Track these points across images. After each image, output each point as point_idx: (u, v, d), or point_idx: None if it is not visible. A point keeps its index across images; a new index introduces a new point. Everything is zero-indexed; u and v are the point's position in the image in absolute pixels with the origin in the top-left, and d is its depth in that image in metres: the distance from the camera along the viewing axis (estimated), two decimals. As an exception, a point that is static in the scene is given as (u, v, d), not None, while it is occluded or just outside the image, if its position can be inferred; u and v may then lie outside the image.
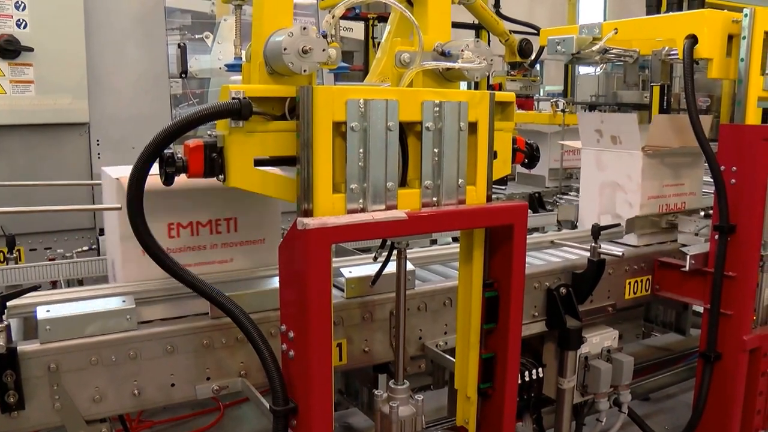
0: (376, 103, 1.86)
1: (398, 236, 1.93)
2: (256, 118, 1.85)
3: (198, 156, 1.83)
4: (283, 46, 1.85)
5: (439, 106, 1.97)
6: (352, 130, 1.84)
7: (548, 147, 5.29)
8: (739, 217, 3.01)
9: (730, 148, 3.01)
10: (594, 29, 3.25)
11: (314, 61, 1.88)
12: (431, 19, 2.17)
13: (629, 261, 3.24)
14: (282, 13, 1.99)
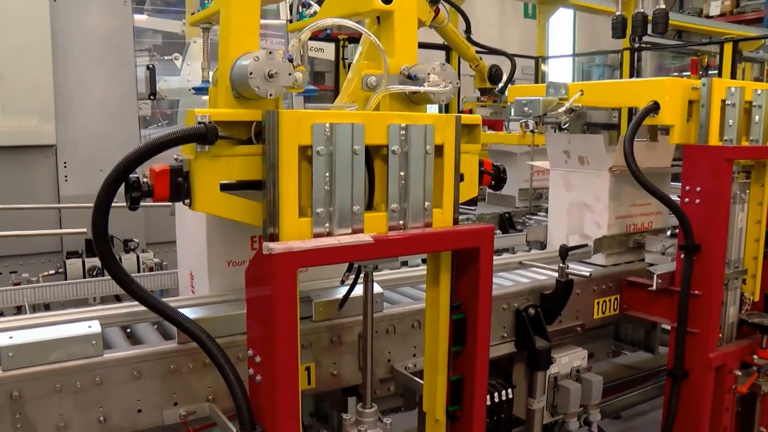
0: (341, 127, 1.88)
1: (365, 260, 1.95)
2: (222, 142, 1.87)
3: (164, 181, 1.85)
4: (249, 71, 1.87)
5: (405, 129, 1.99)
6: (318, 154, 1.86)
7: (518, 167, 5.35)
8: (703, 237, 3.07)
9: (694, 168, 3.07)
10: (560, 90, 3.35)
11: (280, 86, 1.91)
12: (398, 43, 2.21)
13: (597, 281, 3.29)
14: (248, 36, 2.02)
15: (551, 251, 3.44)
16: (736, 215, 3.18)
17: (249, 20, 2.04)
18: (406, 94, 2.19)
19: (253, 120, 1.92)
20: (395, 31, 2.21)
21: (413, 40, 2.26)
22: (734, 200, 3.14)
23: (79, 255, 4.12)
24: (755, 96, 3.15)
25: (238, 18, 2.02)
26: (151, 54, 6.01)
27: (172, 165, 1.88)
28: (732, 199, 3.12)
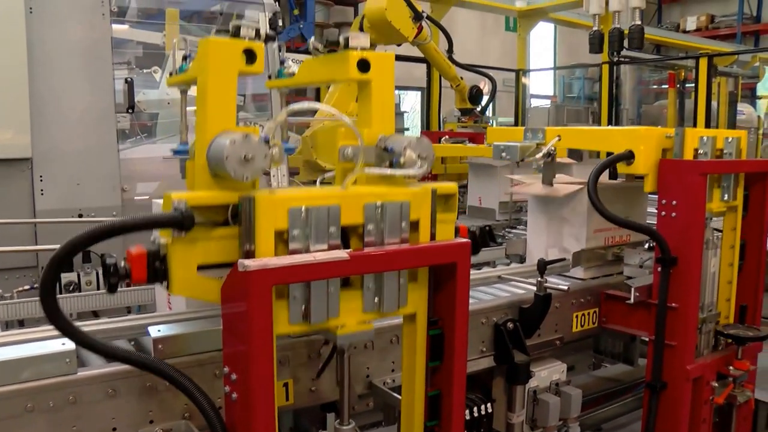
0: (317, 211, 1.91)
1: (341, 276, 1.95)
2: (199, 226, 1.89)
3: (141, 265, 1.87)
4: (225, 155, 1.88)
5: (380, 207, 2.02)
6: (294, 238, 1.89)
7: (498, 180, 5.37)
8: (680, 250, 3.10)
9: (669, 182, 3.11)
10: (538, 134, 3.43)
11: (257, 168, 1.91)
12: (375, 112, 2.22)
13: (576, 294, 3.31)
14: (225, 114, 2.03)
15: (530, 265, 3.45)
16: (709, 261, 3.24)
17: (226, 97, 2.04)
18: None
19: (230, 203, 1.94)
20: (372, 100, 2.22)
21: (390, 108, 2.28)
22: (707, 246, 3.20)
23: (56, 270, 4.07)
24: (726, 143, 3.23)
25: (215, 95, 2.03)
26: (129, 67, 5.97)
27: (149, 248, 1.90)
28: (705, 246, 3.17)
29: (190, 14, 6.40)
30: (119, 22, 5.96)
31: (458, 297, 2.10)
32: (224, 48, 2.03)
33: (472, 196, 5.71)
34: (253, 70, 2.06)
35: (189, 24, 6.27)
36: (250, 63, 2.05)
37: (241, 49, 2.04)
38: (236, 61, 2.04)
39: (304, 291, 1.94)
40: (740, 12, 22.05)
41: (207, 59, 2.02)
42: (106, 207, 4.47)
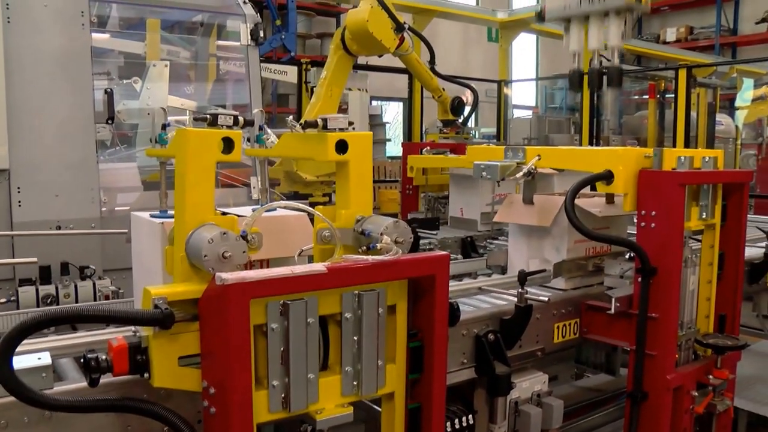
0: (295, 305, 1.93)
1: (319, 290, 1.95)
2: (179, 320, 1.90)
3: (122, 358, 1.89)
4: (203, 254, 1.91)
5: (358, 296, 2.06)
6: (273, 331, 1.92)
7: (480, 191, 5.38)
8: (659, 260, 3.12)
9: (649, 193, 3.13)
10: (518, 153, 3.45)
11: (235, 265, 1.95)
12: (353, 192, 2.27)
13: (557, 305, 3.31)
14: (203, 203, 2.05)
15: (511, 276, 3.46)
16: (688, 279, 3.26)
17: (204, 186, 2.06)
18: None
19: None
20: (350, 180, 2.27)
21: (368, 189, 2.33)
22: (686, 264, 3.22)
23: (33, 282, 4.03)
24: (703, 163, 3.26)
25: (194, 184, 2.05)
26: (109, 77, 5.94)
27: (131, 341, 1.91)
28: (684, 264, 3.19)
29: (172, 24, 6.38)
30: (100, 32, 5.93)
31: (437, 309, 2.10)
32: (202, 138, 2.06)
33: (454, 207, 5.70)
34: (231, 158, 2.09)
35: (170, 34, 6.25)
36: (227, 151, 2.08)
37: (219, 138, 2.07)
38: (214, 150, 2.06)
39: (282, 378, 1.96)
40: (718, 24, 22.32)
41: (185, 149, 2.04)
42: (85, 219, 4.44)
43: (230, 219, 2.06)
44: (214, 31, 6.10)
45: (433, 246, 4.97)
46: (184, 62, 6.19)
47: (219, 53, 6.21)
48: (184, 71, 6.28)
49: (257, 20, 4.75)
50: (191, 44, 6.21)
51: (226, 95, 6.33)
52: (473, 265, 4.35)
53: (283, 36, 15.51)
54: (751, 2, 21.81)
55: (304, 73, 8.79)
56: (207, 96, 6.27)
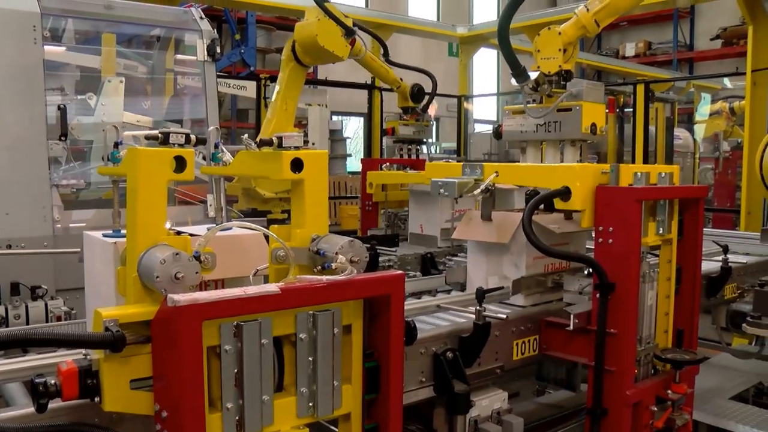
0: (249, 326, 1.92)
1: (272, 310, 1.94)
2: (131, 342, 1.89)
3: (72, 383, 1.86)
4: (155, 275, 1.90)
5: (312, 317, 2.06)
6: (226, 353, 1.91)
7: (439, 207, 5.41)
8: (617, 276, 3.16)
9: (606, 209, 3.18)
10: (476, 170, 3.51)
11: (187, 286, 1.94)
12: (308, 211, 2.28)
13: (516, 322, 3.34)
14: (154, 223, 2.04)
15: (470, 293, 3.47)
16: (646, 294, 3.31)
17: (156, 206, 2.05)
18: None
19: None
20: (306, 199, 2.28)
21: (324, 207, 2.34)
22: (644, 279, 3.27)
23: (-20, 304, 3.96)
24: (660, 178, 3.33)
25: (145, 205, 2.04)
26: (63, 93, 5.86)
27: (81, 364, 1.89)
28: (641, 279, 3.24)
29: (129, 38, 6.32)
30: (55, 45, 5.85)
31: (393, 329, 2.10)
32: (153, 157, 2.04)
33: (414, 224, 5.73)
34: (184, 177, 2.08)
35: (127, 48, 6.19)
36: (179, 170, 2.07)
37: (171, 157, 2.06)
38: (166, 169, 2.05)
39: (236, 400, 1.94)
40: (675, 40, 22.88)
41: (136, 169, 2.02)
42: (36, 238, 4.36)
43: (183, 239, 2.04)
44: (171, 46, 6.07)
45: (392, 263, 4.98)
46: (141, 77, 6.13)
47: (176, 68, 6.17)
48: (140, 86, 6.22)
49: (214, 36, 4.74)
50: (148, 59, 6.16)
51: (183, 110, 6.28)
52: (432, 283, 4.37)
53: (242, 50, 15.52)
54: (706, 19, 22.40)
55: (263, 89, 8.75)
56: (164, 111, 6.22)
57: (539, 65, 3.95)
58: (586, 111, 3.77)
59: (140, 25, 5.55)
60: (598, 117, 3.85)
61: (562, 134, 3.85)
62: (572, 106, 3.80)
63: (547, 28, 4.00)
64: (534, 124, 3.94)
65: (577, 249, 3.77)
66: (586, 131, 3.77)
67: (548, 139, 3.93)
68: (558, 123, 3.84)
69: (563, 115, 3.84)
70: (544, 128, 3.90)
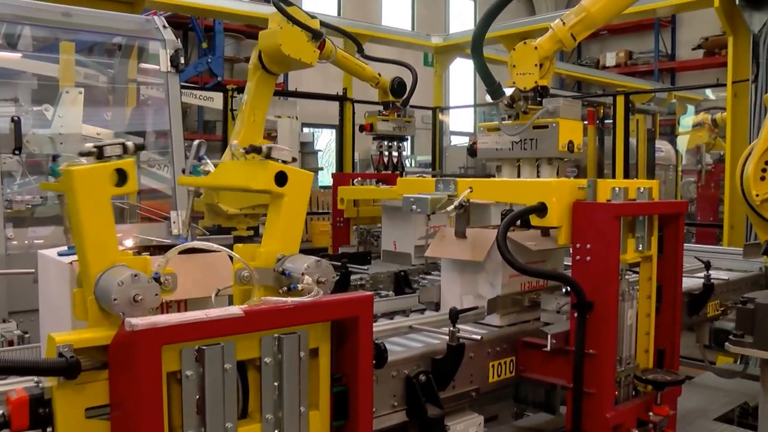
0: (211, 350, 1.91)
1: (236, 334, 1.93)
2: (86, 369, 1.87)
3: (22, 412, 1.83)
4: (112, 297, 1.89)
5: (278, 340, 2.05)
6: (187, 378, 1.90)
7: (413, 224, 5.43)
8: (595, 294, 3.18)
9: (583, 225, 3.20)
10: (449, 185, 3.52)
11: (146, 308, 1.93)
12: (282, 228, 2.30)
13: (491, 343, 3.35)
14: (104, 243, 2.02)
15: (444, 313, 3.48)
16: (626, 313, 3.33)
17: (103, 225, 2.03)
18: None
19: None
20: (282, 215, 2.29)
21: (299, 226, 2.36)
22: (623, 298, 3.30)
23: None
24: (638, 193, 3.37)
25: (90, 226, 2.01)
26: (17, 104, 5.80)
27: (32, 393, 1.86)
28: (621, 297, 3.27)
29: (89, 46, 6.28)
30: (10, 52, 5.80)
31: (361, 352, 2.11)
32: (90, 175, 2.01)
33: (387, 241, 5.74)
34: (127, 190, 2.05)
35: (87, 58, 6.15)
36: (121, 183, 2.04)
37: (110, 171, 2.03)
38: (106, 185, 2.02)
39: (198, 428, 1.93)
40: (656, 49, 23.20)
41: (73, 189, 1.99)
42: (-12, 257, 4.31)
43: (142, 260, 2.04)
44: (134, 54, 6.04)
45: (365, 282, 4.99)
46: (102, 87, 6.09)
47: (140, 77, 6.14)
48: (101, 96, 6.18)
49: (177, 46, 4.72)
50: (110, 68, 6.12)
51: (146, 122, 6.25)
52: (405, 302, 4.38)
53: (209, 60, 15.47)
54: (688, 28, 22.75)
55: (230, 100, 8.71)
56: (126, 122, 6.18)
57: (514, 81, 3.98)
58: (563, 128, 3.81)
59: (100, 33, 5.52)
60: (575, 134, 3.89)
61: (539, 152, 3.88)
62: (549, 123, 3.83)
63: (523, 43, 4.04)
64: (509, 142, 3.97)
65: (554, 267, 3.80)
66: (563, 149, 3.80)
67: (524, 157, 3.95)
68: (534, 140, 3.87)
69: (539, 132, 3.87)
70: (520, 146, 3.93)
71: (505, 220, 3.11)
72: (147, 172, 5.58)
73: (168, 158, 4.67)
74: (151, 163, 5.59)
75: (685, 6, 9.13)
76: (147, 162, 5.58)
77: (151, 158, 5.67)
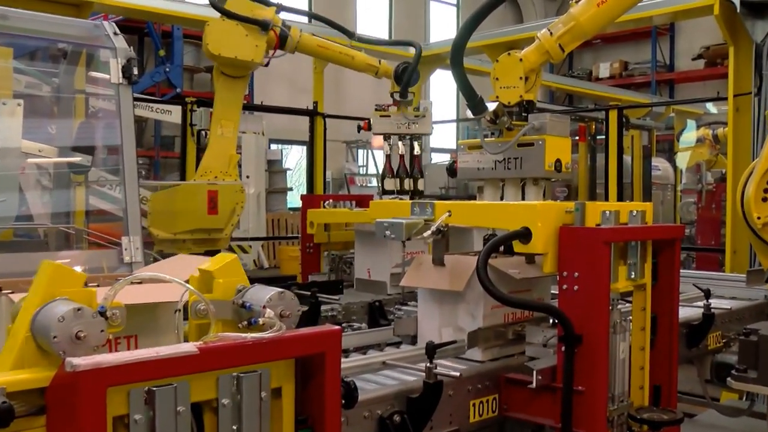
0: (162, 392, 1.90)
1: (190, 373, 1.93)
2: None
3: None
4: (52, 334, 1.87)
5: (237, 379, 2.05)
6: (136, 423, 1.88)
7: (389, 250, 5.44)
8: (584, 326, 3.21)
9: (570, 252, 3.23)
10: (426, 209, 3.55)
11: (90, 347, 1.91)
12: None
13: (472, 380, 3.36)
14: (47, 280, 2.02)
15: (421, 347, 3.49)
16: (618, 346, 3.36)
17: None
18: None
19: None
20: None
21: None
22: (614, 330, 3.33)
23: None
24: (631, 217, 3.42)
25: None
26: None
27: None
28: (612, 329, 3.30)
29: (32, 50, 6.24)
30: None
31: (328, 391, 2.12)
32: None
33: (360, 268, 5.73)
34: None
35: (28, 65, 6.11)
36: None
37: None
38: None
39: None
40: (653, 60, 23.43)
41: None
42: None
43: (87, 292, 2.03)
44: (82, 62, 5.98)
45: (336, 313, 4.98)
46: (46, 97, 6.04)
47: (89, 87, 6.09)
48: (45, 108, 6.13)
49: (130, 55, 4.68)
50: (54, 77, 6.08)
51: (95, 136, 6.18)
52: (380, 335, 4.37)
53: (167, 69, 15.39)
54: (687, 37, 23.01)
55: (190, 114, 8.63)
56: (72, 137, 6.12)
57: (498, 95, 4.00)
58: (549, 146, 3.83)
59: (41, 39, 5.47)
60: (563, 153, 3.91)
61: (524, 172, 3.90)
62: (534, 141, 3.85)
63: (507, 54, 4.08)
64: (492, 161, 3.98)
65: (540, 296, 3.83)
66: (550, 168, 3.82)
67: (508, 177, 3.97)
68: (519, 159, 3.89)
69: (524, 150, 3.89)
70: (504, 165, 3.95)
71: (486, 247, 3.13)
72: (96, 192, 5.53)
73: (120, 177, 4.62)
74: (102, 182, 5.54)
75: (683, 14, 9.14)
76: (97, 181, 5.53)
77: (101, 177, 5.62)
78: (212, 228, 6.13)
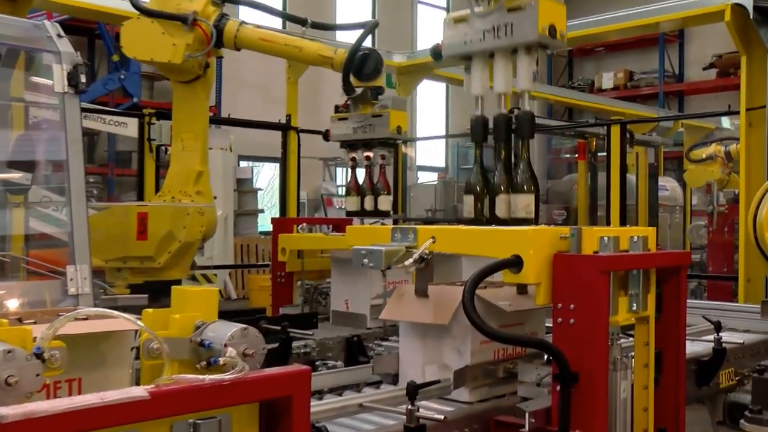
0: None
1: (140, 421, 1.92)
2: None
3: None
4: None
5: (194, 426, 2.03)
6: None
7: (368, 279, 5.43)
8: (581, 363, 3.21)
9: (566, 282, 3.23)
10: (408, 235, 3.54)
11: (22, 393, 1.88)
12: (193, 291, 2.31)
13: (459, 423, 3.35)
14: None
15: (402, 388, 3.48)
16: (618, 385, 3.35)
17: None
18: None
19: None
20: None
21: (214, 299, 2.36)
22: (615, 367, 3.33)
23: None
24: (632, 243, 3.41)
25: None
26: None
27: None
28: (612, 366, 3.30)
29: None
30: None
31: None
32: None
33: (337, 299, 5.71)
34: None
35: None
36: None
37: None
38: None
39: None
40: (661, 69, 23.50)
41: None
42: None
43: (20, 330, 2.00)
44: (21, 65, 5.89)
45: (309, 349, 4.97)
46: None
47: (29, 95, 6.01)
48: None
49: (77, 61, 4.58)
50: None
51: (37, 150, 6.09)
52: (357, 375, 4.35)
53: (122, 75, 15.15)
54: (697, 45, 23.15)
55: (147, 127, 8.53)
56: (9, 151, 6.04)
57: None
58: (542, 8, 3.71)
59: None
60: (557, 18, 3.71)
61: (515, 38, 3.79)
62: (526, 4, 3.72)
63: None
64: (480, 31, 3.89)
65: (533, 331, 3.84)
66: (543, 32, 3.70)
67: (498, 48, 3.85)
68: (509, 25, 3.77)
69: (515, 15, 3.76)
70: (493, 34, 3.86)
71: (472, 276, 3.13)
72: (38, 214, 5.44)
73: (66, 197, 4.55)
74: (45, 203, 5.46)
75: (692, 20, 9.16)
76: (39, 202, 5.45)
77: (44, 197, 5.55)
78: (142, 256, 5.88)
